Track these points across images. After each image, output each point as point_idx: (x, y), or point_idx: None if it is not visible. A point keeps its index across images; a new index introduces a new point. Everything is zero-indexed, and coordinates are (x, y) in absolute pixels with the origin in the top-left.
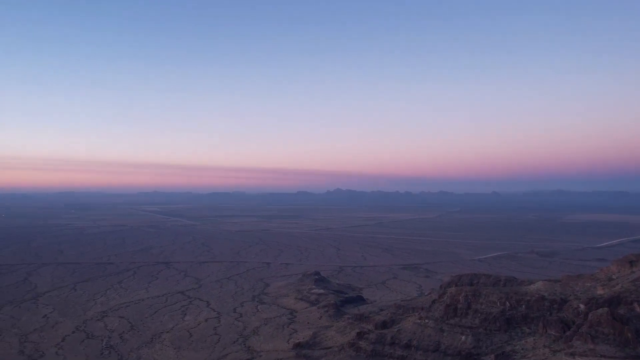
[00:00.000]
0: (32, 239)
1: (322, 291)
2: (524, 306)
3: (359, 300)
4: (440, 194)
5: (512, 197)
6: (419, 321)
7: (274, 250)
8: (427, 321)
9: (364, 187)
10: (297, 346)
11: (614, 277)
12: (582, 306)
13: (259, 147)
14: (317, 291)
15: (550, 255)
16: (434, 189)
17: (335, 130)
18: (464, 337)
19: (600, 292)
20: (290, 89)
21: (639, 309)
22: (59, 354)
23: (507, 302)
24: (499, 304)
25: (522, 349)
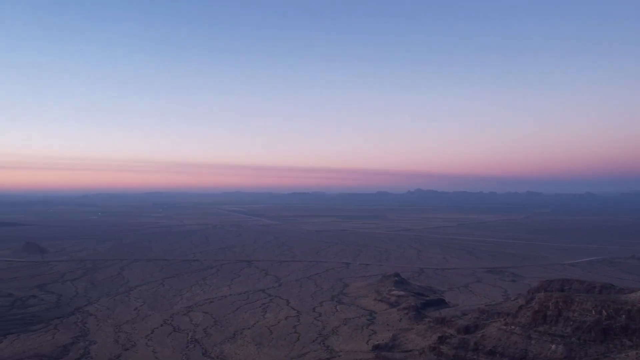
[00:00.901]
0: (125, 236)
1: (402, 293)
2: (624, 316)
3: (441, 303)
4: (527, 194)
5: (609, 198)
6: (504, 327)
7: (353, 250)
8: (513, 327)
9: (445, 187)
10: (377, 348)
11: None
12: None
13: (339, 147)
14: (397, 293)
15: None
16: (521, 189)
17: (416, 129)
18: (554, 346)
19: None
20: (373, 88)
21: None
22: (148, 345)
23: (604, 311)
24: (594, 313)
25: None
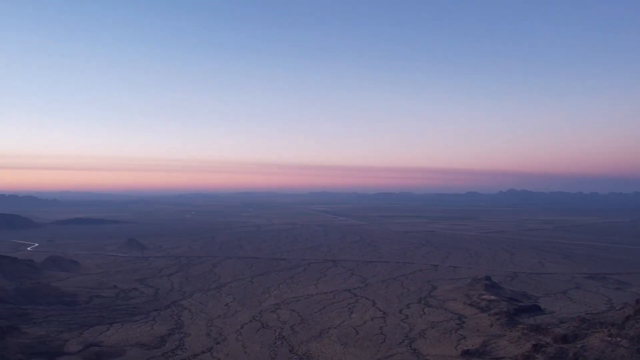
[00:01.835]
0: (217, 235)
1: (493, 297)
2: None
3: (535, 309)
4: (634, 195)
5: None
6: (608, 339)
7: (442, 252)
8: (619, 340)
9: (541, 188)
10: (466, 353)
11: None
12: None
13: (427, 146)
14: (487, 297)
15: None
16: (627, 189)
17: (509, 126)
18: None
19: None
20: (459, 86)
21: None
22: (238, 340)
23: None
24: None
25: None
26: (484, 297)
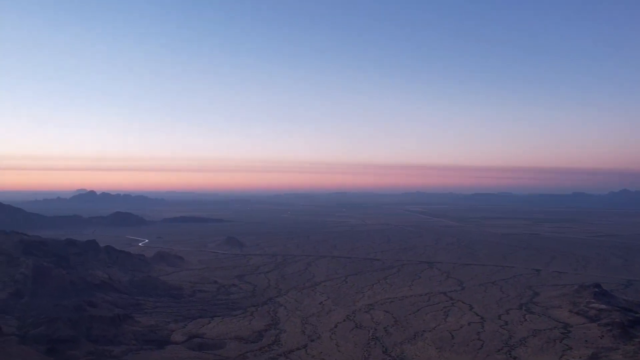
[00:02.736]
0: (311, 234)
1: (604, 306)
2: None
3: None
4: None
5: None
6: None
7: (545, 256)
8: None
9: None
10: None
11: None
12: None
13: (528, 143)
14: (597, 306)
15: None
16: None
17: (621, 119)
18: None
19: None
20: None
21: None
22: (332, 339)
23: None
24: None
25: None
26: (593, 305)
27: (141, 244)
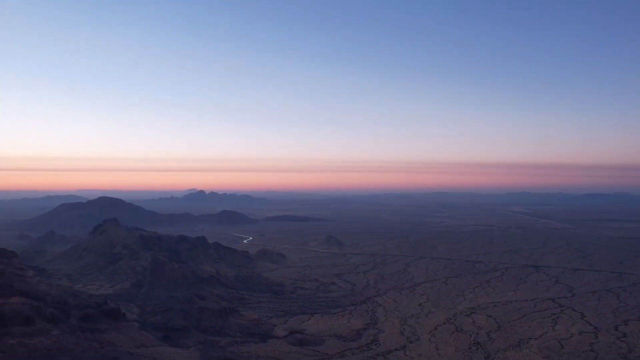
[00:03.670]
0: (410, 234)
1: None
2: None
3: None
4: None
5: None
6: None
7: None
8: None
9: None
10: None
11: None
12: None
13: None
14: None
15: None
16: None
17: None
18: None
19: None
20: None
21: None
22: (431, 341)
23: None
24: None
25: None
26: None
27: (245, 241)
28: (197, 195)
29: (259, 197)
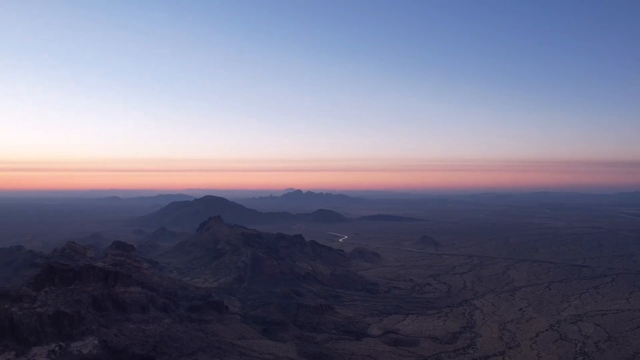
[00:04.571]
0: (510, 236)
1: None
2: None
3: None
4: None
5: None
6: None
7: None
8: None
9: None
10: None
11: None
12: None
13: None
14: None
15: None
16: None
17: None
18: None
19: None
20: None
21: None
22: (532, 348)
23: None
24: None
25: None
26: None
27: (341, 240)
28: (294, 194)
29: (355, 197)
